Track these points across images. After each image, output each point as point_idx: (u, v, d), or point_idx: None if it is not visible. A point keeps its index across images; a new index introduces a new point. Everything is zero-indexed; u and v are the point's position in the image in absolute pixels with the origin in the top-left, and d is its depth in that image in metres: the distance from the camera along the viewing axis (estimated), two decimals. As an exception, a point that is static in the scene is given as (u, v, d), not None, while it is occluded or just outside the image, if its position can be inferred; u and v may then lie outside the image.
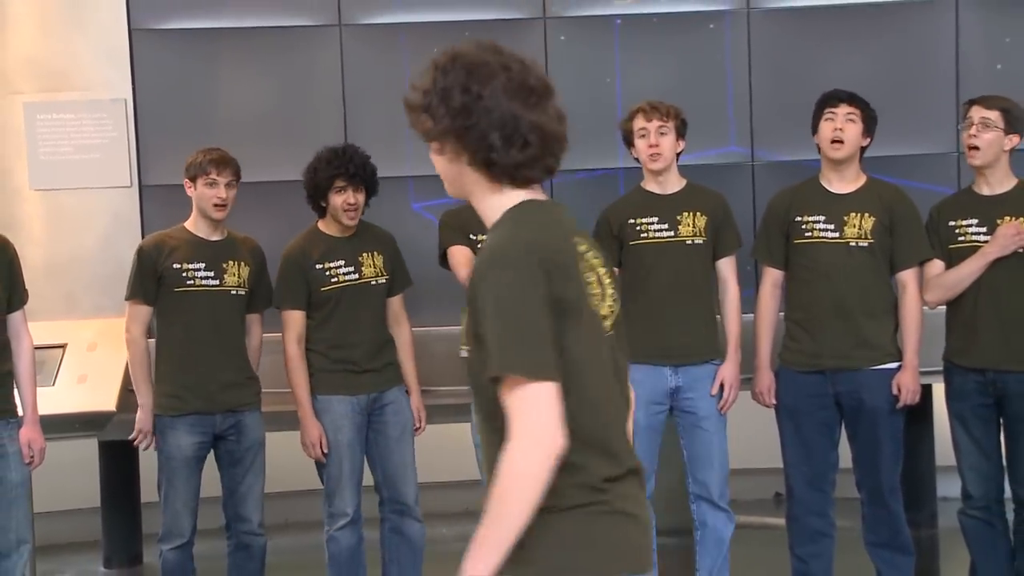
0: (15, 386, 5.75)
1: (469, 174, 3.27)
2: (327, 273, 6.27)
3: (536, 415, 2.92)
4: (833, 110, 6.03)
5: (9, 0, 7.28)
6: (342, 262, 6.29)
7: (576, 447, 2.95)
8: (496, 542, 2.91)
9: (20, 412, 5.72)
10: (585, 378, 3.09)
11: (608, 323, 3.19)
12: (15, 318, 5.74)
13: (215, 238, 6.27)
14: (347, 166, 6.21)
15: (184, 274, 6.13)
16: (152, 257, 6.12)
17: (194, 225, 6.21)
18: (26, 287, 5.82)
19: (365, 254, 6.34)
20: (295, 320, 6.31)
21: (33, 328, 5.84)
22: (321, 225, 6.36)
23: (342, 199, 6.22)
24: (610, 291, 3.25)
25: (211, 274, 6.20)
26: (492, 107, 3.18)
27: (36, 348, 5.94)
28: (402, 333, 6.44)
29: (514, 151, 3.24)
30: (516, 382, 3.02)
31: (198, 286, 6.19)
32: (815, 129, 6.11)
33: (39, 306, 5.96)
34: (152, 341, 6.23)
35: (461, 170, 3.28)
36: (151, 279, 6.11)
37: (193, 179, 6.17)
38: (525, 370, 2.93)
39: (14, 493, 5.63)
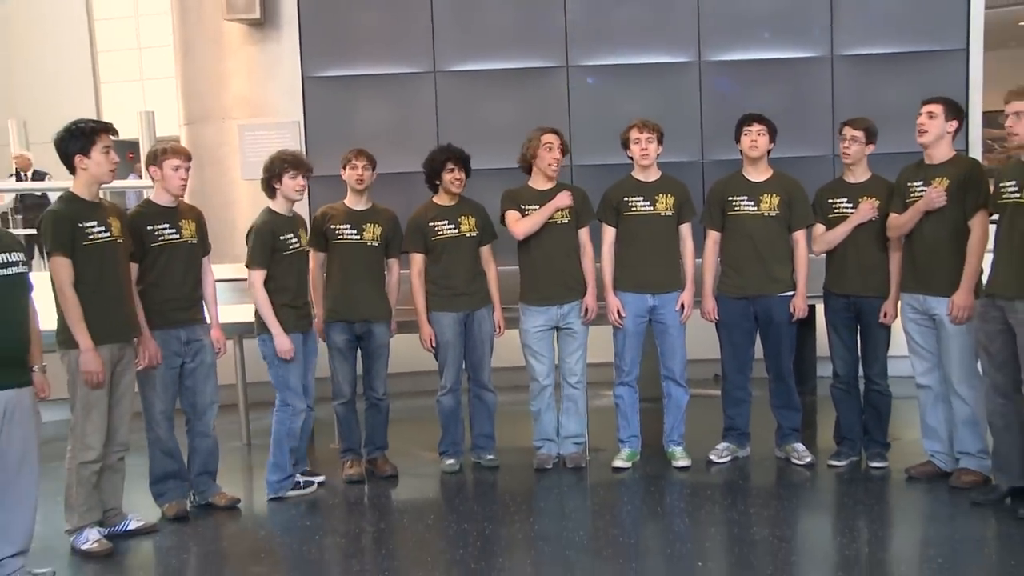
0: (204, 304, 6.00)
1: None
2: (436, 229, 6.39)
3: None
4: (748, 127, 6.29)
5: (227, 59, 7.41)
6: (446, 221, 6.40)
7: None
8: None
9: (209, 320, 6.03)
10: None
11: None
12: (205, 261, 5.98)
13: (360, 208, 6.39)
14: (453, 152, 6.40)
15: (337, 232, 6.33)
16: (320, 222, 6.39)
17: (350, 200, 6.41)
18: (210, 241, 6.05)
19: (463, 217, 6.42)
20: (416, 260, 6.43)
21: (232, 269, 6.22)
22: (435, 198, 6.47)
23: (451, 175, 6.37)
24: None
25: (355, 232, 6.32)
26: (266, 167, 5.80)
27: (236, 281, 6.34)
28: (490, 270, 6.51)
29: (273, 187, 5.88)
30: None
31: (345, 240, 6.33)
32: (737, 139, 6.35)
33: (241, 254, 6.13)
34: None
35: None
36: (319, 235, 6.36)
37: (344, 167, 6.39)
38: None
39: (209, 371, 5.95)
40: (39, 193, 13.21)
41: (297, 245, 6.15)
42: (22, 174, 14.15)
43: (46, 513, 5.07)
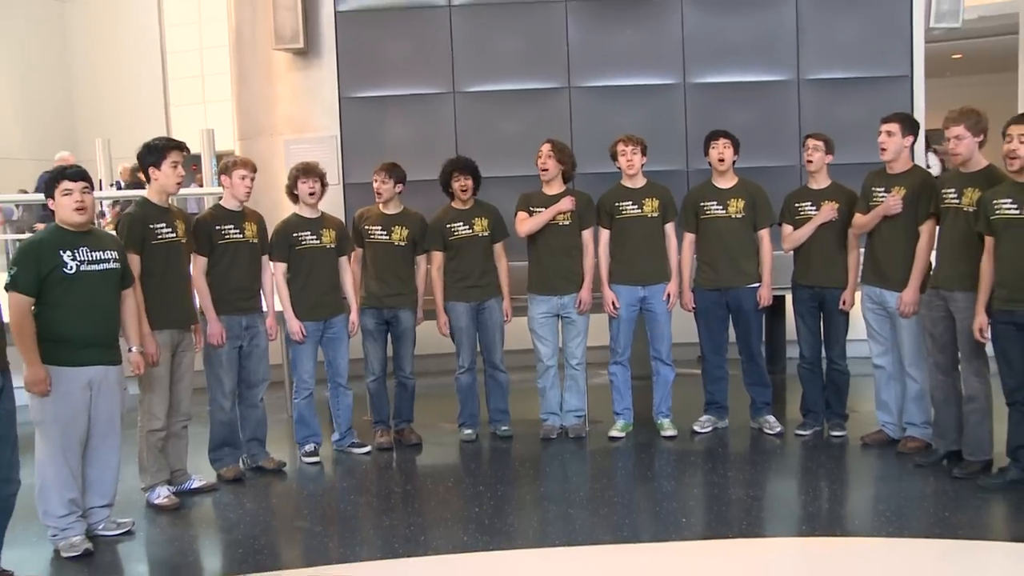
0: (263, 296, 6.10)
1: None
2: (452, 230, 6.41)
3: None
4: (715, 142, 6.32)
5: (275, 83, 7.50)
6: (461, 223, 6.42)
7: None
8: None
9: (265, 309, 6.10)
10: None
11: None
12: (264, 259, 6.06)
13: (391, 212, 6.40)
14: (459, 163, 6.44)
15: (369, 232, 6.39)
16: (356, 223, 6.46)
17: (383, 204, 6.42)
18: (268, 244, 6.09)
19: (476, 219, 6.44)
20: (436, 257, 6.47)
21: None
22: (453, 203, 6.48)
23: (458, 184, 6.40)
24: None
25: (384, 232, 6.37)
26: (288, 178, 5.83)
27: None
28: (501, 265, 6.51)
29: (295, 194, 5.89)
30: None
31: (376, 239, 6.39)
32: (706, 152, 6.37)
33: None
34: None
35: None
36: (357, 235, 6.43)
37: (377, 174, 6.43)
38: None
39: (262, 353, 6.03)
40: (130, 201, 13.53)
41: (314, 242, 6.18)
42: (122, 183, 14.54)
43: (124, 474, 5.19)
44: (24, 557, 4.66)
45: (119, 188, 13.80)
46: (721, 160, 6.35)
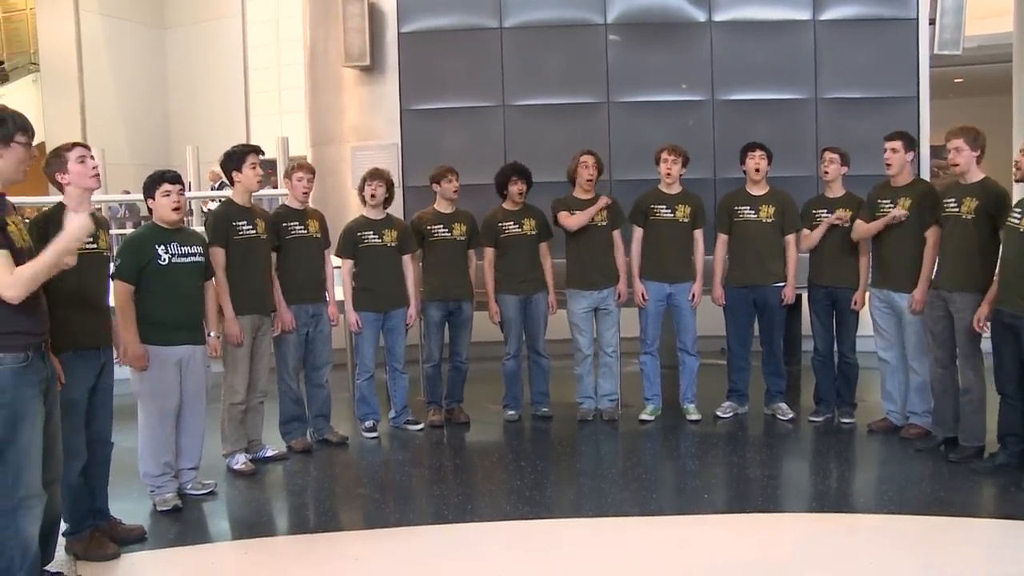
0: (327, 287, 6.09)
1: None
2: (503, 227, 6.44)
3: None
4: (752, 152, 6.31)
5: (344, 96, 7.55)
6: (512, 222, 6.44)
7: None
8: None
9: (328, 299, 6.08)
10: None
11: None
12: (326, 253, 6.09)
13: (448, 211, 6.41)
14: (517, 169, 6.45)
15: (432, 231, 6.38)
16: (416, 225, 6.41)
17: (440, 205, 6.42)
18: (329, 239, 6.12)
19: (525, 219, 6.44)
20: (488, 252, 6.49)
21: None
22: (504, 204, 6.50)
23: (515, 187, 6.42)
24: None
25: (447, 230, 6.36)
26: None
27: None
28: (547, 263, 6.51)
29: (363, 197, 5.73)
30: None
31: (439, 237, 6.38)
32: (742, 162, 6.37)
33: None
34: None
35: None
36: (418, 235, 6.38)
37: (437, 181, 6.42)
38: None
39: (326, 338, 6.06)
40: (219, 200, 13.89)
41: (376, 241, 6.18)
42: (212, 186, 14.93)
43: (208, 442, 5.32)
44: (128, 509, 4.81)
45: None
46: (757, 170, 6.35)
